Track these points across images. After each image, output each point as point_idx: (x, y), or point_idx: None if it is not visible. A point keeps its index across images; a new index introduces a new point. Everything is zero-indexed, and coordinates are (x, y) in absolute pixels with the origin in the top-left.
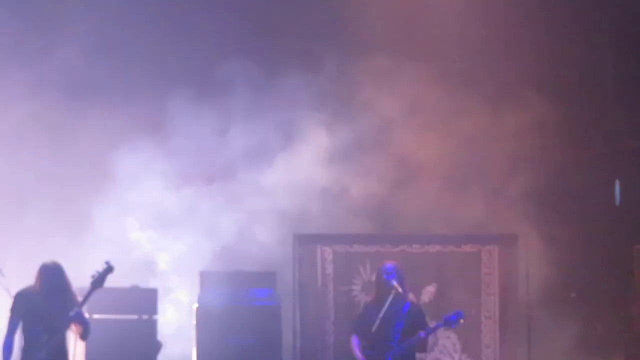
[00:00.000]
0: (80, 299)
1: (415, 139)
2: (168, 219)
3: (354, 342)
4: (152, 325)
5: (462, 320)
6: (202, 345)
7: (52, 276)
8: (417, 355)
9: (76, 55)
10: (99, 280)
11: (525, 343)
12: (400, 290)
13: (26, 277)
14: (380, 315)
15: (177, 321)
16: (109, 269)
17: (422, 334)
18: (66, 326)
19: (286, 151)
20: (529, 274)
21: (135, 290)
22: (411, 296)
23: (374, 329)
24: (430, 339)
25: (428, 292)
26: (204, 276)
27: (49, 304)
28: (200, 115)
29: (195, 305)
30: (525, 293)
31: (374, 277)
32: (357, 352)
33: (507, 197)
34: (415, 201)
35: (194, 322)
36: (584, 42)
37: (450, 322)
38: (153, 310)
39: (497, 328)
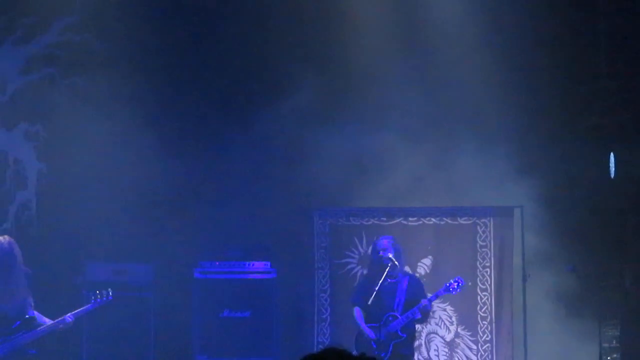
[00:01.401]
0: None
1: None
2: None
3: (357, 314)
4: (147, 301)
5: (462, 286)
6: (198, 318)
7: None
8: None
9: None
10: (97, 306)
11: (521, 314)
12: (396, 262)
13: None
14: (377, 287)
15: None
16: (109, 301)
17: (424, 301)
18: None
19: None
20: (524, 246)
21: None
22: (407, 269)
23: (370, 301)
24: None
25: (424, 265)
26: (200, 249)
27: None
28: None
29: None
30: (521, 265)
31: (369, 251)
32: (362, 324)
33: (503, 169)
34: (411, 173)
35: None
36: (578, 18)
37: (450, 288)
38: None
39: (493, 300)
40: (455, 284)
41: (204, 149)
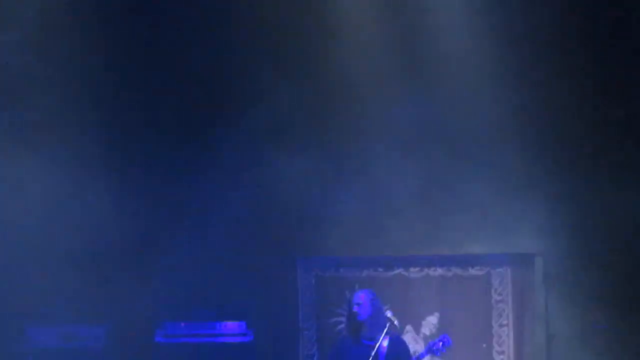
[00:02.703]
0: None
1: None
2: None
3: None
4: None
5: (448, 346)
6: None
7: None
8: None
9: None
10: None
11: None
12: (395, 323)
13: None
14: (352, 352)
15: None
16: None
17: None
18: None
19: None
20: (548, 300)
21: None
22: (395, 325)
23: None
24: None
25: (429, 324)
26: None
27: None
28: None
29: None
30: (545, 323)
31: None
32: None
33: (521, 208)
34: (412, 217)
35: None
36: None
37: (434, 349)
38: None
39: None
40: (440, 343)
41: (166, 189)
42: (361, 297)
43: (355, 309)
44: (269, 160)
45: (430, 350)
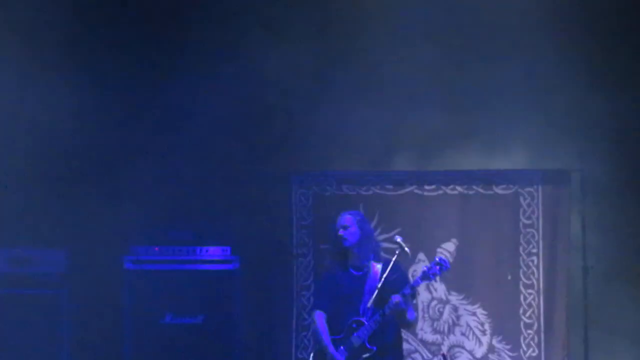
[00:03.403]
0: None
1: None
2: None
3: (319, 321)
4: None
5: (445, 270)
6: (131, 325)
7: None
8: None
9: None
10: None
11: (581, 321)
12: (407, 249)
13: None
14: (338, 283)
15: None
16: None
17: (395, 297)
18: None
19: None
20: (585, 226)
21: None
22: (406, 252)
23: (370, 303)
24: (449, 317)
25: (445, 252)
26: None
27: None
28: None
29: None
30: (580, 253)
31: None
32: (324, 336)
33: (555, 118)
34: (427, 126)
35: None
36: None
37: (429, 274)
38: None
39: (542, 301)
40: (437, 267)
41: (137, 94)
42: (347, 219)
43: (341, 232)
44: (256, 57)
45: (425, 276)
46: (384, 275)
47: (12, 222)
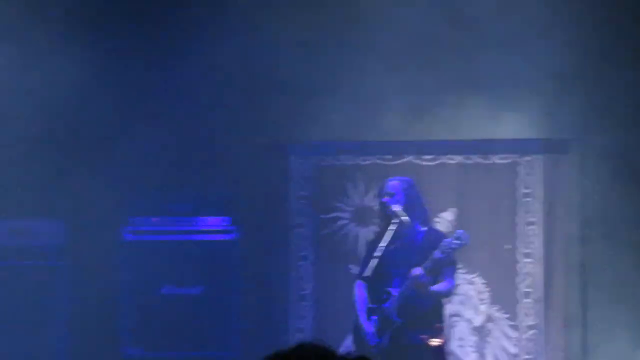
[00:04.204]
0: None
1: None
2: None
3: (358, 292)
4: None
5: (462, 244)
6: (129, 295)
7: None
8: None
9: None
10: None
11: (579, 290)
12: (404, 217)
13: None
14: (377, 254)
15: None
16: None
17: (415, 270)
18: None
19: None
20: (584, 196)
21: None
22: (404, 221)
23: (367, 273)
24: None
25: (444, 221)
26: (132, 199)
27: None
28: None
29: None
30: (580, 222)
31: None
32: (360, 308)
33: (554, 85)
34: (425, 94)
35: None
36: None
37: (448, 248)
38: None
39: (541, 270)
40: (457, 242)
41: (134, 63)
42: (393, 185)
43: (385, 199)
44: (255, 24)
45: (444, 250)
46: (382, 245)
47: (11, 194)
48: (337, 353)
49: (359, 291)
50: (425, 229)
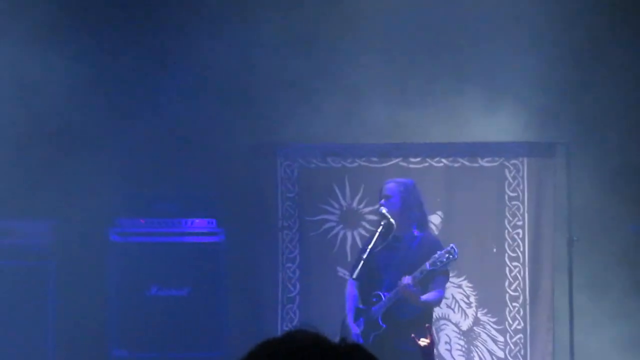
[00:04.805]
0: None
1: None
2: None
3: (349, 291)
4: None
5: (453, 259)
6: (116, 297)
7: None
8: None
9: None
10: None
11: (566, 294)
12: (392, 220)
13: None
14: (364, 255)
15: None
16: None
17: (406, 278)
18: None
19: None
20: (570, 197)
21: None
22: (391, 224)
23: (354, 275)
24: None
25: (431, 224)
26: (119, 201)
27: None
28: None
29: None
30: (566, 225)
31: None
32: (348, 306)
33: (541, 88)
34: (412, 96)
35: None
36: None
37: (438, 260)
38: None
39: (527, 274)
40: (447, 255)
41: (120, 60)
42: (390, 188)
43: (382, 201)
44: (243, 25)
45: (434, 262)
46: (369, 247)
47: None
48: (329, 340)
49: (351, 290)
50: (422, 234)
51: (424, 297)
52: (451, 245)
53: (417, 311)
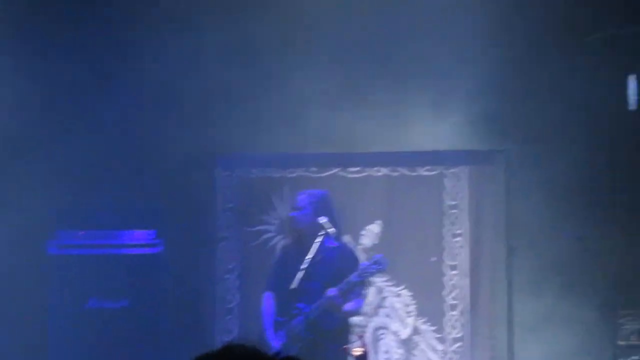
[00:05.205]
0: None
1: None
2: None
3: (266, 303)
4: None
5: (381, 269)
6: (54, 309)
7: None
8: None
9: None
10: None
11: (505, 302)
12: (329, 230)
13: None
14: (289, 265)
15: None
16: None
17: (330, 291)
18: None
19: None
20: (509, 207)
21: None
22: (329, 234)
23: (293, 285)
24: (374, 298)
25: (371, 234)
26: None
27: None
28: None
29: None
30: (504, 234)
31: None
32: (266, 320)
33: (479, 96)
34: (351, 107)
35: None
36: None
37: (365, 272)
38: None
39: (467, 282)
40: (375, 266)
41: (66, 76)
42: (301, 200)
43: (293, 213)
44: (182, 34)
45: (361, 274)
46: (308, 259)
47: None
48: (265, 353)
49: (268, 303)
50: (337, 244)
51: (346, 306)
52: (378, 255)
53: (340, 321)
